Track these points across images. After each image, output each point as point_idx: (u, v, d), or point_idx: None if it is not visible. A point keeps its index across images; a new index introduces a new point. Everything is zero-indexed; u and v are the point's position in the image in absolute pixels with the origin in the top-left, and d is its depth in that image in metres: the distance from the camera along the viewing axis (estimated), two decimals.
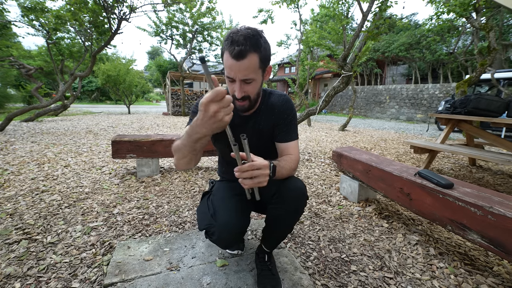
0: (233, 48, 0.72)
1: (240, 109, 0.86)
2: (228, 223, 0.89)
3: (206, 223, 0.94)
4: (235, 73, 0.76)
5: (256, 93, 0.84)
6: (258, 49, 0.75)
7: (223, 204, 0.97)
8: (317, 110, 3.68)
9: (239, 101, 0.82)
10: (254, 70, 0.77)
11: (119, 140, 2.31)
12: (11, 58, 6.57)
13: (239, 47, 0.71)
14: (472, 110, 2.53)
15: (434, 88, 10.51)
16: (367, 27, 3.13)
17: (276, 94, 0.99)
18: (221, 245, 0.97)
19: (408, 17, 16.84)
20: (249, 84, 0.79)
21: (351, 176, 2.00)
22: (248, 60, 0.74)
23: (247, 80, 0.78)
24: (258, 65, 0.77)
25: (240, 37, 0.72)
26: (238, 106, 0.84)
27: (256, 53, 0.75)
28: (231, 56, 0.73)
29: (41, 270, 1.13)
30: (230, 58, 0.74)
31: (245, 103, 0.84)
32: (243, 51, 0.72)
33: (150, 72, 34.44)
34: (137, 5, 4.99)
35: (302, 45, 7.70)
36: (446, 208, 1.18)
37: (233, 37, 0.73)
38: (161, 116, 10.01)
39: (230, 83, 0.81)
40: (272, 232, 1.03)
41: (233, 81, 0.78)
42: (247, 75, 0.76)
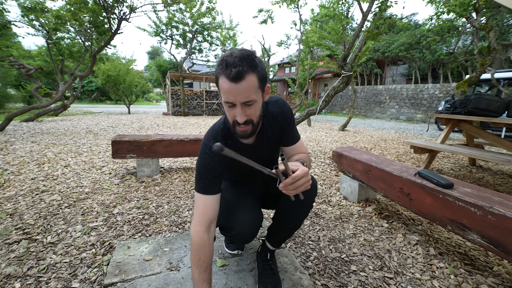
0: (230, 71, 0.68)
1: (242, 135, 0.80)
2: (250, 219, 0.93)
3: (222, 219, 0.97)
4: (234, 97, 0.71)
5: (258, 115, 0.79)
6: (255, 68, 0.71)
7: (238, 201, 1.00)
8: (317, 110, 3.68)
9: (242, 126, 0.77)
10: (254, 91, 0.73)
11: (119, 140, 2.31)
12: (11, 58, 6.57)
13: (236, 69, 0.68)
14: (472, 110, 2.53)
15: (434, 88, 10.51)
16: (367, 27, 3.13)
17: (271, 101, 0.95)
18: (240, 239, 1.02)
19: (408, 17, 16.84)
20: (251, 106, 0.75)
21: (351, 176, 2.00)
22: (247, 81, 0.70)
23: (248, 102, 0.73)
24: (257, 85, 0.73)
25: (235, 59, 0.69)
26: (239, 132, 0.79)
27: (254, 73, 0.71)
28: (229, 79, 0.69)
29: (41, 270, 1.13)
30: (227, 82, 0.69)
31: (248, 128, 0.78)
32: (241, 72, 0.68)
33: (150, 72, 34.43)
34: (137, 5, 4.99)
35: (302, 45, 7.70)
36: (446, 208, 1.18)
37: (227, 60, 0.69)
38: (161, 116, 10.01)
39: (229, 109, 0.75)
40: (281, 227, 1.05)
41: (233, 106, 0.74)
42: (248, 96, 0.72)
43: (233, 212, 0.96)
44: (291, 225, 1.02)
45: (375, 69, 16.76)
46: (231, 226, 0.95)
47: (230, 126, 0.81)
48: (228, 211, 0.97)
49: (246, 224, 0.93)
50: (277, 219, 1.05)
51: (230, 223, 0.94)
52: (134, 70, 12.73)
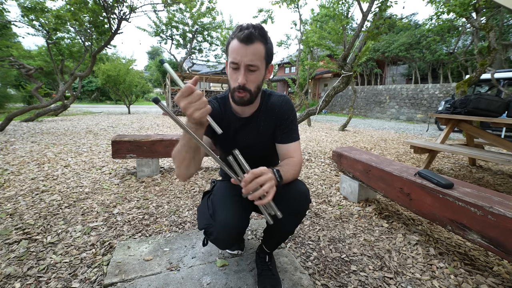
0: (242, 33, 0.75)
1: (239, 101, 0.84)
2: (227, 224, 0.86)
3: (205, 222, 0.93)
4: (241, 57, 0.76)
5: (257, 85, 0.83)
6: (265, 40, 0.78)
7: (222, 204, 0.94)
8: (317, 110, 3.68)
9: (239, 92, 0.81)
10: (260, 58, 0.78)
11: (119, 140, 2.31)
12: (11, 58, 6.57)
13: (249, 30, 0.74)
14: (472, 110, 2.53)
15: (434, 88, 10.51)
16: (367, 27, 3.13)
17: (276, 95, 0.99)
18: (219, 245, 0.96)
19: (408, 17, 16.83)
20: (253, 72, 0.79)
21: (351, 176, 2.00)
22: (255, 46, 0.76)
23: (252, 66, 0.78)
24: (263, 55, 0.79)
25: (249, 25, 0.76)
26: (237, 97, 0.83)
27: (262, 43, 0.78)
28: (239, 40, 0.75)
29: (41, 270, 1.13)
30: (237, 43, 0.76)
31: (245, 94, 0.82)
32: (252, 35, 0.75)
33: (150, 72, 34.42)
34: (137, 5, 4.99)
35: (302, 45, 7.70)
36: (446, 208, 1.18)
37: (242, 25, 0.77)
38: (161, 116, 10.01)
39: (233, 72, 0.80)
40: (273, 234, 1.03)
41: (237, 69, 0.79)
42: (252, 60, 0.77)
43: (214, 216, 0.90)
44: (282, 231, 0.99)
45: (375, 69, 16.75)
46: (211, 230, 0.89)
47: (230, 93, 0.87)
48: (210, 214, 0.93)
49: (225, 230, 0.86)
50: (269, 225, 1.00)
51: (210, 227, 0.89)
52: (134, 70, 12.72)
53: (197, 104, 0.62)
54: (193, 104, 0.62)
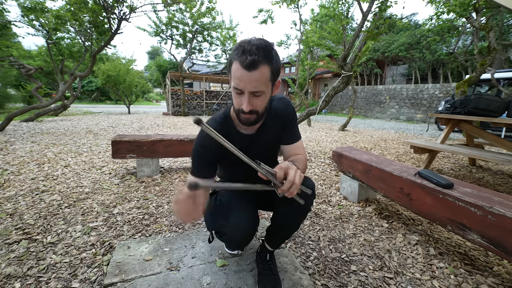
0: (245, 58, 0.68)
1: (246, 122, 0.81)
2: (242, 224, 0.89)
3: (217, 223, 0.95)
4: (244, 85, 0.71)
5: (264, 107, 0.80)
6: (270, 61, 0.72)
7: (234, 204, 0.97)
8: (317, 110, 3.68)
9: (246, 114, 0.77)
10: (265, 83, 0.73)
11: (119, 140, 2.31)
12: (11, 58, 6.56)
13: (252, 57, 0.68)
14: (472, 110, 2.53)
15: (434, 88, 10.51)
16: (367, 27, 3.13)
17: (276, 98, 0.97)
18: (232, 244, 1.01)
19: (408, 17, 16.84)
20: (258, 97, 0.75)
21: (351, 176, 2.00)
22: (260, 72, 0.70)
23: (257, 92, 0.73)
24: (269, 78, 0.74)
25: (252, 47, 0.69)
26: (243, 119, 0.79)
27: (268, 65, 0.71)
28: (242, 66, 0.69)
29: (41, 270, 1.13)
30: (240, 68, 0.70)
31: (252, 117, 0.79)
32: (256, 61, 0.68)
33: (150, 72, 34.43)
34: (137, 5, 4.99)
35: (302, 45, 7.70)
36: (446, 208, 1.18)
37: (244, 46, 0.69)
38: (161, 116, 10.01)
39: (237, 95, 0.76)
40: (278, 230, 1.04)
41: (241, 93, 0.74)
42: (257, 87, 0.72)
43: (226, 217, 0.93)
44: (288, 228, 1.00)
45: (375, 69, 16.75)
46: (224, 230, 0.92)
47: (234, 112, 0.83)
48: (222, 215, 0.95)
49: (239, 230, 0.89)
50: (274, 222, 1.03)
51: (224, 227, 0.92)
52: (134, 70, 12.72)
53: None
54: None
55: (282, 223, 0.99)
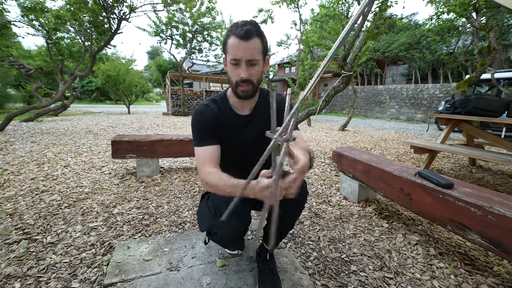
0: (241, 29, 0.78)
1: (243, 95, 0.88)
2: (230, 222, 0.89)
3: (208, 223, 0.94)
4: (242, 53, 0.79)
5: (258, 78, 0.88)
6: (261, 35, 0.82)
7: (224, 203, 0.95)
8: (317, 110, 3.68)
9: (243, 85, 0.85)
10: (258, 52, 0.82)
11: (119, 140, 2.31)
12: (11, 58, 6.56)
13: (246, 27, 0.78)
14: (472, 110, 2.53)
15: (434, 88, 10.51)
16: (367, 27, 3.13)
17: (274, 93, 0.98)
18: (223, 244, 1.00)
19: (408, 17, 16.84)
20: (254, 66, 0.83)
21: (351, 176, 2.00)
22: (254, 42, 0.80)
23: (253, 61, 0.82)
24: (261, 49, 0.83)
25: (245, 21, 0.80)
26: (241, 92, 0.87)
27: (259, 38, 0.81)
28: (238, 37, 0.78)
29: (41, 270, 1.13)
30: (237, 39, 0.79)
31: (248, 88, 0.86)
32: (250, 30, 0.78)
33: (150, 72, 34.42)
34: (137, 5, 4.99)
35: (302, 45, 7.70)
36: (446, 208, 1.18)
37: (238, 23, 0.80)
38: (161, 116, 10.01)
39: (234, 68, 0.83)
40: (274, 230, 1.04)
41: (237, 65, 0.82)
42: (252, 55, 0.80)
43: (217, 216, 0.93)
44: (283, 227, 1.01)
45: (375, 69, 16.75)
46: (215, 230, 0.92)
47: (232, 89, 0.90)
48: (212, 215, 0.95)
49: (228, 229, 0.90)
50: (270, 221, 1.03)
51: (214, 227, 0.92)
52: (134, 70, 12.72)
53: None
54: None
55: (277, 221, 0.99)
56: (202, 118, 0.93)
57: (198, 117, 0.94)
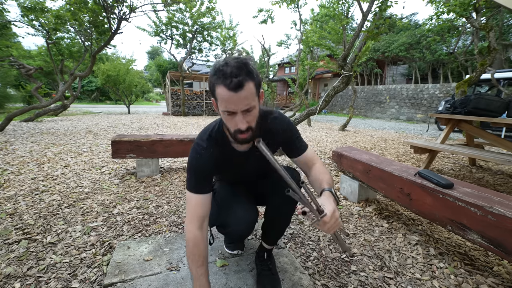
0: (230, 81, 0.69)
1: (243, 141, 0.81)
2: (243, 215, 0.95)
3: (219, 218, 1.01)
4: (236, 106, 0.72)
5: (256, 121, 0.81)
6: (252, 76, 0.72)
7: (234, 199, 1.03)
8: (317, 110, 3.68)
9: (243, 134, 0.78)
10: (253, 98, 0.74)
11: (119, 140, 2.31)
12: (11, 58, 6.56)
13: (237, 79, 0.68)
14: (472, 110, 2.53)
15: (434, 88, 10.51)
16: (367, 27, 3.13)
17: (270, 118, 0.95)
18: (236, 236, 1.05)
19: (408, 17, 16.83)
20: (250, 112, 0.76)
21: (351, 176, 2.00)
22: (246, 90, 0.71)
23: (249, 109, 0.74)
24: (255, 92, 0.75)
25: (233, 68, 0.69)
26: (241, 139, 0.80)
27: (251, 81, 0.72)
28: (229, 89, 0.69)
29: (41, 270, 1.13)
30: (227, 92, 0.70)
31: (248, 135, 0.79)
32: (241, 81, 0.69)
33: (150, 72, 34.40)
34: (137, 5, 4.99)
35: (302, 45, 7.70)
36: (446, 208, 1.18)
37: (224, 70, 0.70)
38: (161, 116, 10.01)
39: (229, 118, 0.76)
40: (272, 224, 1.07)
41: (233, 114, 0.74)
42: (248, 104, 0.73)
43: (228, 210, 0.99)
44: (280, 220, 1.05)
45: (375, 69, 16.75)
46: (227, 223, 0.98)
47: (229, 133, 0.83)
48: (224, 209, 1.01)
49: (241, 221, 0.96)
50: (268, 215, 1.07)
51: (226, 220, 0.98)
52: (134, 70, 12.73)
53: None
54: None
55: (274, 215, 1.04)
56: (199, 163, 0.87)
57: (195, 161, 0.88)
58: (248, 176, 1.08)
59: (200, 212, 0.87)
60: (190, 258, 0.85)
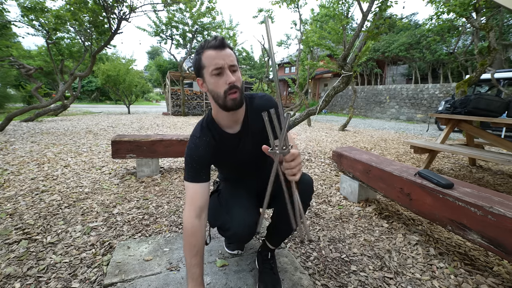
0: (215, 41, 0.79)
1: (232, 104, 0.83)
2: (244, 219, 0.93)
3: (220, 220, 0.98)
4: (223, 60, 0.79)
5: (242, 84, 0.87)
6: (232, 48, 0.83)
7: (235, 201, 1.01)
8: (317, 110, 3.68)
9: (231, 93, 0.81)
10: (235, 60, 0.83)
11: (119, 140, 2.31)
12: (11, 58, 6.56)
13: (219, 37, 0.80)
14: (472, 110, 2.53)
15: (434, 88, 10.51)
16: (367, 27, 3.12)
17: (257, 96, 0.98)
18: (236, 239, 1.03)
19: (408, 17, 16.84)
20: (236, 73, 0.82)
21: (351, 176, 2.00)
22: (229, 51, 0.81)
23: (233, 66, 0.81)
24: (236, 60, 0.83)
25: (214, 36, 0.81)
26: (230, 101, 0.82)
27: (231, 50, 0.82)
28: (214, 48, 0.79)
29: (41, 270, 1.13)
30: (214, 50, 0.79)
31: (237, 94, 0.82)
32: (224, 41, 0.80)
33: (150, 72, 34.42)
34: (137, 5, 4.99)
35: (302, 45, 7.70)
36: (446, 208, 1.18)
37: (207, 39, 0.83)
38: (161, 116, 10.01)
39: (218, 78, 0.80)
40: (279, 227, 1.05)
41: (221, 74, 0.80)
42: (232, 61, 0.81)
43: (229, 213, 0.96)
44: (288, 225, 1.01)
45: (375, 69, 16.75)
46: (227, 226, 0.95)
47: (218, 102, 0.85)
48: (224, 211, 0.99)
49: (242, 225, 0.92)
50: (274, 219, 1.05)
51: (227, 223, 0.95)
52: (134, 70, 12.73)
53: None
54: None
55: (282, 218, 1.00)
56: (195, 152, 0.89)
57: (191, 151, 0.90)
58: (246, 164, 1.04)
59: (198, 201, 0.87)
60: (186, 247, 0.86)
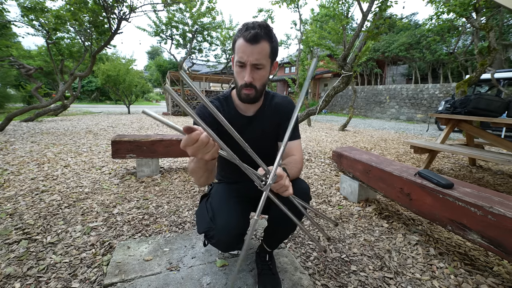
0: (248, 32, 0.76)
1: (245, 98, 0.86)
2: (227, 225, 0.86)
3: (205, 226, 0.92)
4: (247, 57, 0.78)
5: (262, 83, 0.85)
6: (270, 39, 0.79)
7: (221, 206, 0.94)
8: (317, 110, 3.68)
9: (246, 89, 0.83)
10: (265, 57, 0.80)
11: (119, 140, 2.31)
12: (11, 58, 6.56)
13: (255, 31, 0.76)
14: (472, 110, 2.53)
15: (434, 88, 10.51)
16: (367, 27, 3.13)
17: (279, 96, 1.02)
18: (220, 248, 0.95)
19: (408, 17, 16.84)
20: (259, 70, 0.81)
21: (351, 176, 2.00)
22: (261, 46, 0.77)
23: (258, 65, 0.80)
24: (268, 53, 0.80)
25: (255, 24, 0.78)
26: (243, 94, 0.85)
27: (268, 42, 0.79)
28: (245, 40, 0.77)
29: (41, 270, 1.13)
30: (244, 42, 0.77)
31: (251, 92, 0.84)
32: (258, 35, 0.76)
33: (150, 72, 34.41)
34: (137, 5, 4.99)
35: (302, 45, 7.71)
36: (446, 208, 1.18)
37: (247, 24, 0.78)
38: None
39: (240, 70, 0.82)
40: (275, 232, 1.03)
41: (243, 67, 0.80)
42: (258, 59, 0.78)
43: (214, 219, 0.90)
44: (284, 230, 0.99)
45: (375, 69, 16.75)
46: (211, 234, 0.89)
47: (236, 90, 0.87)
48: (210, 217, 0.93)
49: (225, 232, 0.86)
50: (271, 223, 1.03)
51: (211, 230, 0.89)
52: (134, 70, 12.72)
53: (205, 148, 0.58)
54: (202, 149, 0.58)
55: (278, 224, 0.98)
56: (203, 111, 0.91)
57: (199, 111, 0.92)
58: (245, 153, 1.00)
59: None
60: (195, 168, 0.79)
